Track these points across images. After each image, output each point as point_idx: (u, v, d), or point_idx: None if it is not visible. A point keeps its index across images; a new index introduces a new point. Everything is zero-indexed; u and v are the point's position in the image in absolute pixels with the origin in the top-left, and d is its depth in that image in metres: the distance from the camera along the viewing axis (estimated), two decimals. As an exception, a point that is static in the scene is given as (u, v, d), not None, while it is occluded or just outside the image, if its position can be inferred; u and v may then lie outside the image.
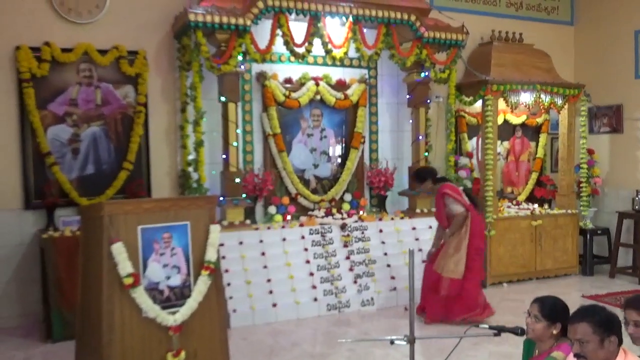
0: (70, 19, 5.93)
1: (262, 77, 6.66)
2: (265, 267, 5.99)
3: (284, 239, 6.22)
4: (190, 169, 6.18)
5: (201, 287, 3.76)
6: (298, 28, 6.19)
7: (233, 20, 5.69)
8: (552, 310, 2.97)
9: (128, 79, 6.13)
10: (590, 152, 8.13)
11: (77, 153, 6.00)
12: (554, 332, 2.95)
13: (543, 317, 2.96)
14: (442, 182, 5.94)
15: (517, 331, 2.80)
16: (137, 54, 6.15)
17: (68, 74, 5.92)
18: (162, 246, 3.65)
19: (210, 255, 3.76)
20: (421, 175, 6.07)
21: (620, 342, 2.49)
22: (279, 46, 6.20)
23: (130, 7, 6.21)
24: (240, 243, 5.99)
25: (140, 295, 3.55)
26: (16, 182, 5.79)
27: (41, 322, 5.67)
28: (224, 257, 5.69)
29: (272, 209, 6.70)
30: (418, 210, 7.06)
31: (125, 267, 3.49)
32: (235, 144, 6.14)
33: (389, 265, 6.50)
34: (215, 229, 3.85)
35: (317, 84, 6.91)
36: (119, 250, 3.47)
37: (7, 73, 5.70)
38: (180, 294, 3.69)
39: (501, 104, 7.53)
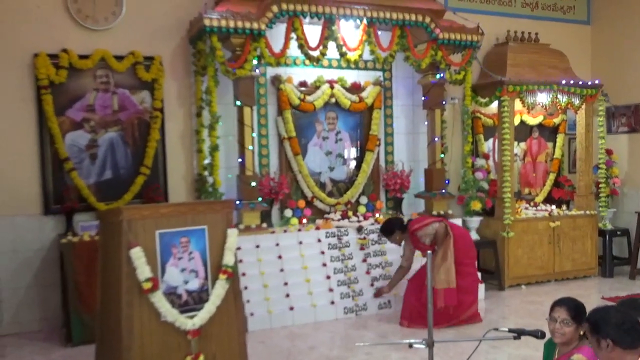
0: (87, 26, 5.98)
1: (277, 80, 6.68)
2: (282, 270, 5.99)
3: (300, 242, 6.22)
4: (206, 173, 6.21)
5: (219, 291, 3.77)
6: (312, 31, 6.22)
7: (248, 25, 5.71)
8: (578, 312, 2.96)
9: (144, 84, 6.18)
10: (609, 152, 8.07)
11: (95, 158, 6.04)
12: (581, 333, 2.94)
13: (572, 319, 2.95)
14: (405, 226, 5.80)
15: (538, 334, 2.77)
16: (153, 59, 6.19)
17: (85, 80, 5.97)
18: (180, 250, 3.67)
19: (228, 259, 3.77)
20: (388, 229, 5.85)
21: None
22: (294, 50, 6.22)
23: (145, 13, 6.25)
24: (257, 246, 6.00)
25: (159, 300, 3.57)
26: (36, 188, 5.84)
27: (61, 326, 5.73)
28: (240, 261, 5.69)
29: (288, 213, 6.71)
30: (434, 213, 7.03)
31: (143, 271, 3.51)
32: (250, 147, 6.16)
33: (406, 268, 6.42)
34: (232, 233, 3.86)
35: (332, 87, 6.94)
36: (137, 254, 3.49)
37: (26, 80, 5.77)
38: (199, 298, 3.70)
39: (517, 104, 7.50)
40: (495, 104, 7.48)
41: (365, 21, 6.24)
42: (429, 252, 2.82)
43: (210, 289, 3.75)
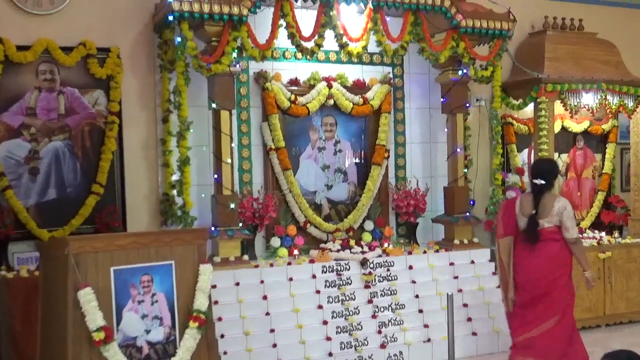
0: (28, 10, 5.94)
1: (262, 78, 6.67)
2: (267, 314, 5.94)
3: (290, 279, 6.19)
4: (174, 192, 6.19)
5: (189, 342, 3.75)
6: (306, 17, 6.22)
7: (226, 9, 5.71)
8: None
9: (98, 82, 6.17)
10: (672, 166, 8.17)
11: (36, 174, 6.00)
12: None
13: None
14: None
15: None
16: (109, 51, 6.16)
17: (24, 76, 5.93)
18: (141, 292, 3.65)
19: (200, 302, 3.76)
20: (553, 170, 5.62)
21: None
22: (283, 40, 6.21)
23: (100, -6, 6.25)
24: (237, 284, 5.95)
25: (114, 354, 3.54)
26: (-42, 211, 5.72)
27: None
28: (216, 303, 5.59)
29: (275, 242, 6.69)
30: (457, 242, 7.01)
31: (95, 318, 3.49)
32: (229, 161, 6.14)
33: (421, 311, 6.46)
34: (206, 269, 3.87)
35: (330, 86, 6.93)
36: (87, 297, 3.47)
37: (-53, 76, 5.73)
38: (164, 352, 3.68)
39: (558, 107, 7.48)
40: (530, 106, 7.46)
41: (370, 5, 6.23)
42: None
43: (178, 340, 3.74)
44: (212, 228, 6.06)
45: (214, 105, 6.12)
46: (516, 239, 5.55)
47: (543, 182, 5.44)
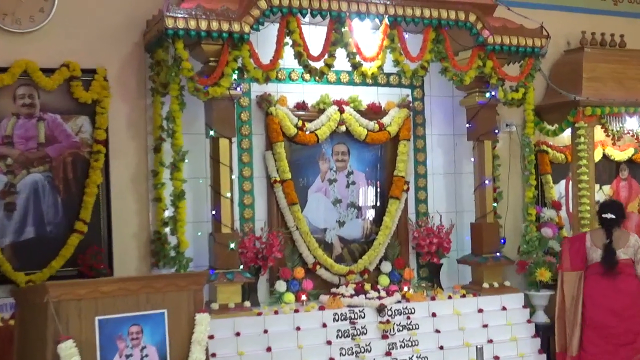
0: (5, 28, 5.97)
1: (265, 102, 6.71)
2: (271, 368, 5.96)
3: (297, 329, 6.17)
4: (167, 230, 6.21)
5: (183, 402, 3.70)
6: (315, 35, 6.28)
7: (225, 26, 5.73)
8: None
9: (82, 107, 6.17)
10: None
11: (12, 210, 5.98)
12: None
13: None
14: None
15: None
16: (95, 73, 6.19)
17: (1, 101, 5.94)
18: (129, 345, 3.66)
19: (196, 356, 3.76)
20: (620, 211, 6.25)
21: None
22: (289, 60, 6.24)
23: (85, 11, 6.26)
24: (237, 334, 5.92)
25: (99, 416, 3.50)
26: None
27: None
28: (213, 355, 5.60)
29: (280, 286, 6.67)
30: (486, 285, 7.00)
31: (77, 375, 3.45)
32: (229, 195, 6.14)
33: (446, 364, 6.50)
34: (202, 319, 3.89)
35: (342, 111, 6.96)
36: (68, 350, 3.46)
37: None
38: (155, 413, 3.64)
39: (598, 133, 7.49)
40: (567, 132, 7.48)
41: (387, 20, 6.26)
42: None
43: (170, 399, 3.69)
44: (210, 271, 6.04)
45: (211, 133, 6.13)
46: (587, 273, 6.04)
47: (613, 216, 6.10)
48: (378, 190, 7.25)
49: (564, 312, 6.15)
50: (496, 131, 7.23)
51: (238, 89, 6.22)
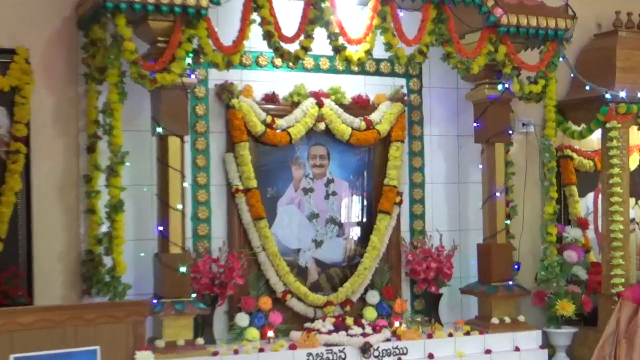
0: None
1: (226, 93, 6.59)
2: (230, 423, 5.95)
3: (263, 373, 6.16)
4: (101, 249, 6.11)
5: None
6: (289, 11, 6.26)
7: None
8: None
9: (-1, 96, 6.18)
10: None
11: None
12: None
13: None
14: None
15: None
16: (14, 54, 6.03)
17: None
18: (53, 389, 3.85)
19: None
20: None
21: None
22: (256, 41, 6.21)
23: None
24: (188, 380, 5.90)
25: None
26: None
27: None
28: (157, 406, 5.59)
29: (242, 319, 6.54)
30: (495, 321, 6.89)
31: None
32: (179, 206, 6.06)
33: (446, 419, 6.46)
34: (144, 357, 4.04)
35: (321, 105, 6.86)
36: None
37: None
38: None
39: (634, 135, 7.50)
40: (597, 134, 7.42)
41: (377, -5, 6.33)
42: None
43: None
44: (154, 300, 5.91)
45: (159, 130, 6.03)
46: None
47: None
48: (364, 202, 7.19)
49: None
50: (510, 132, 7.17)
51: (192, 76, 6.16)
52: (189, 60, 5.86)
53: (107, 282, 5.93)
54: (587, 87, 7.19)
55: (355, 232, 7.10)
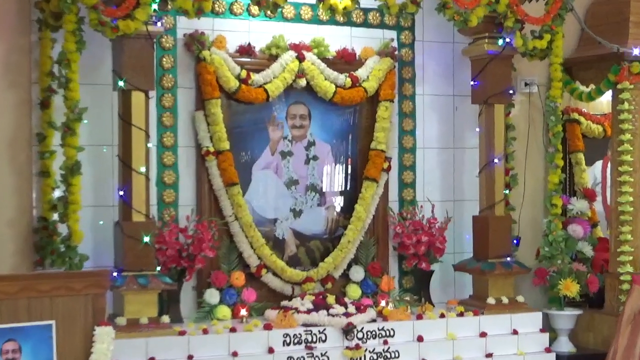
0: None
1: (196, 43, 6.66)
2: (197, 407, 5.88)
3: (234, 354, 6.19)
4: (56, 216, 6.15)
5: None
6: None
7: None
8: None
9: None
10: None
11: None
12: None
13: None
14: None
15: None
16: None
17: None
18: (2, 367, 3.60)
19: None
20: None
21: None
22: None
23: None
24: (152, 360, 5.83)
25: None
26: None
27: None
28: (118, 388, 5.50)
29: (212, 296, 6.64)
30: (492, 300, 7.03)
31: None
32: (143, 169, 6.16)
33: (435, 407, 6.42)
34: (104, 334, 3.87)
35: (302, 59, 6.93)
36: None
37: None
38: None
39: None
40: (607, 96, 7.50)
41: None
42: None
43: None
44: (115, 273, 5.99)
45: (121, 84, 6.10)
46: None
47: None
48: (349, 168, 7.28)
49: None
50: (511, 92, 7.26)
51: (159, 24, 6.22)
52: (155, 6, 5.91)
53: (62, 252, 5.98)
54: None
55: (338, 201, 7.20)
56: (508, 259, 7.17)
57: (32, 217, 6.36)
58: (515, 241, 7.39)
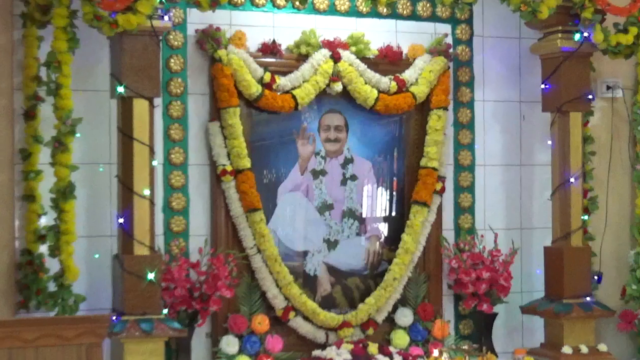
0: None
1: (211, 41, 6.73)
2: None
3: (256, 418, 6.10)
4: (44, 249, 6.23)
5: None
6: None
7: None
8: None
9: None
10: None
11: None
12: None
13: None
14: None
15: None
16: None
17: None
18: None
19: None
20: None
21: None
22: None
23: None
24: None
25: None
26: None
27: None
28: None
29: (229, 344, 6.70)
30: (568, 350, 7.09)
31: None
32: (147, 192, 6.21)
33: None
34: None
35: (337, 58, 7.02)
36: None
37: None
38: None
39: None
40: None
41: None
42: None
43: None
44: (114, 318, 6.05)
45: (121, 90, 6.18)
46: None
47: None
48: (394, 190, 7.37)
49: None
50: (590, 97, 7.29)
51: (166, 18, 6.32)
52: (161, -2, 5.96)
53: (51, 292, 6.08)
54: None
55: (381, 230, 7.27)
56: (587, 299, 7.24)
57: (14, 250, 6.41)
58: (596, 278, 7.44)
